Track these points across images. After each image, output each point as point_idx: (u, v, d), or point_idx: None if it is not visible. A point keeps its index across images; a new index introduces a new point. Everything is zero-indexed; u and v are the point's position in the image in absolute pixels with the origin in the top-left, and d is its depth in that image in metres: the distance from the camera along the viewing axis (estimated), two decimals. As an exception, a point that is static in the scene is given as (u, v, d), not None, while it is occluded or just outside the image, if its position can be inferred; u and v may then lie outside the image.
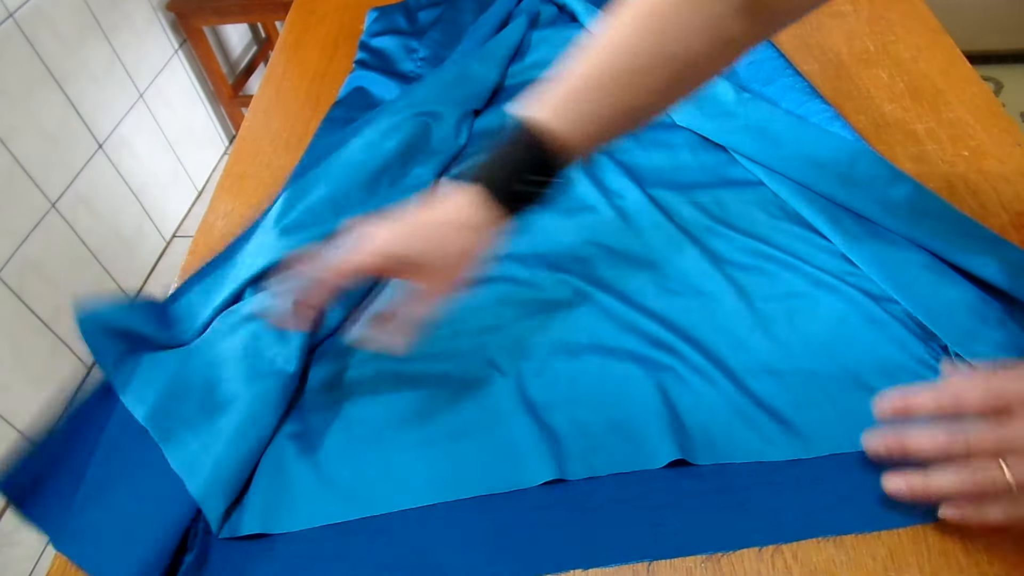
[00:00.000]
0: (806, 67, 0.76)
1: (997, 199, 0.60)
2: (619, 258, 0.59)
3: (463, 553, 0.43)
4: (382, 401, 0.51)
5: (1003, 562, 0.40)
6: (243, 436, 0.48)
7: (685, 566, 0.41)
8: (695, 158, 0.67)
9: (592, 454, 0.46)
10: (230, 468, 0.47)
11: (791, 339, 0.51)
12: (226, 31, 2.06)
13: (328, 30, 0.94)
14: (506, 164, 0.46)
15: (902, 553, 0.41)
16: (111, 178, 1.65)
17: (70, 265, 1.52)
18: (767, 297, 0.54)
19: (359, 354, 0.54)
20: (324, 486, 0.47)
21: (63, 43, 1.49)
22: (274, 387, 0.51)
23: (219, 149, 2.10)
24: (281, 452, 0.49)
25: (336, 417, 0.51)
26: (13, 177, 1.36)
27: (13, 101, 1.36)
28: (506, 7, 0.87)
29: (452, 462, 0.47)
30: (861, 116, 0.69)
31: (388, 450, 0.49)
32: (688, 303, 0.55)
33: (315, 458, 0.49)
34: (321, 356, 0.55)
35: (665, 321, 0.54)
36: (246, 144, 0.78)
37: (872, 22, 0.81)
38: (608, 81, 0.44)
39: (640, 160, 0.68)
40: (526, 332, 0.54)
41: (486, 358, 0.53)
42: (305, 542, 0.45)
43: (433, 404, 0.51)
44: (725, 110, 0.69)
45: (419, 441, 0.49)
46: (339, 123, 0.76)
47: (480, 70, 0.77)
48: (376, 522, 0.45)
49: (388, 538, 0.44)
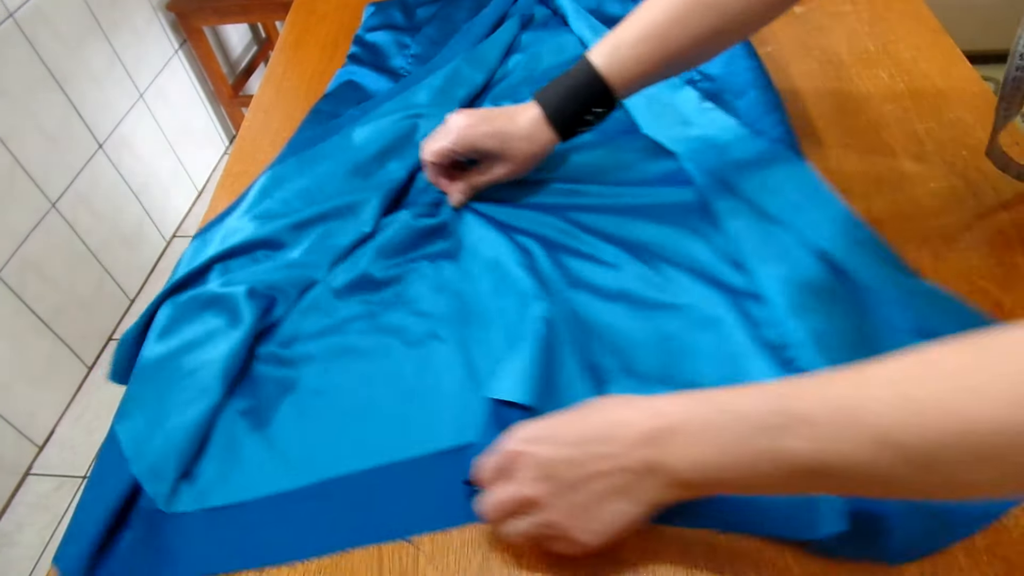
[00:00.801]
0: (806, 67, 0.76)
1: (997, 199, 0.60)
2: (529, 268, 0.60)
3: (405, 510, 0.46)
4: (331, 372, 0.54)
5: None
6: (190, 409, 0.51)
7: (685, 566, 0.41)
8: (641, 160, 0.68)
9: (526, 416, 0.48)
10: (177, 441, 0.49)
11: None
12: (226, 31, 2.06)
13: (328, 30, 0.94)
14: (567, 95, 0.59)
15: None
16: (111, 178, 1.65)
17: (70, 265, 1.52)
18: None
19: (307, 330, 0.57)
20: (275, 457, 0.49)
21: (63, 43, 1.49)
22: (221, 362, 0.53)
23: (219, 149, 2.11)
24: (232, 428, 0.51)
25: (286, 391, 0.53)
26: (13, 177, 1.36)
27: (13, 101, 1.36)
28: (501, 8, 0.88)
29: (397, 425, 0.50)
30: (861, 116, 0.69)
31: (336, 418, 0.51)
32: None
33: (266, 431, 0.51)
34: (272, 333, 0.57)
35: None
36: (246, 144, 0.78)
37: (872, 22, 0.81)
38: (655, 30, 0.55)
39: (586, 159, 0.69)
40: (467, 307, 0.57)
41: (428, 329, 0.56)
42: (254, 511, 0.47)
43: (378, 372, 0.54)
44: (683, 119, 0.70)
45: (365, 407, 0.51)
46: (324, 116, 0.77)
47: (469, 73, 0.78)
48: (324, 487, 0.47)
49: (334, 501, 0.46)
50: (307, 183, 0.67)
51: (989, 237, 0.57)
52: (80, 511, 0.48)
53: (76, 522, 0.47)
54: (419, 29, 0.91)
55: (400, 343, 0.55)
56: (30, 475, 1.43)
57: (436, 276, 0.60)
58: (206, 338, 0.56)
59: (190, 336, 0.56)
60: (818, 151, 0.67)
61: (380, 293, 0.59)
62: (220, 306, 0.58)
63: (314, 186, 0.67)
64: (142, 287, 1.76)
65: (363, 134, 0.72)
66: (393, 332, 0.56)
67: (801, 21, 0.83)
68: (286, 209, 0.65)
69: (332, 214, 0.64)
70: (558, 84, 0.60)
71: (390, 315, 0.57)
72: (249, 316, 0.55)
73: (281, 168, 0.70)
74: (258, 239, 0.63)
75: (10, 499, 1.39)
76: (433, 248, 0.63)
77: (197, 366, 0.54)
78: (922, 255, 0.56)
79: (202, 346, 0.55)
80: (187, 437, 0.49)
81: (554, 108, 0.59)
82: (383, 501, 0.46)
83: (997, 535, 0.41)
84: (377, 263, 0.61)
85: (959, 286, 0.54)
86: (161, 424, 0.51)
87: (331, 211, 0.64)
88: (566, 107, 0.59)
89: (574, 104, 0.59)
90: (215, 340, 0.55)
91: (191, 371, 0.54)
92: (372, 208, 0.64)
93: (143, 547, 0.46)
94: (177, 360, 0.55)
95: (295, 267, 0.61)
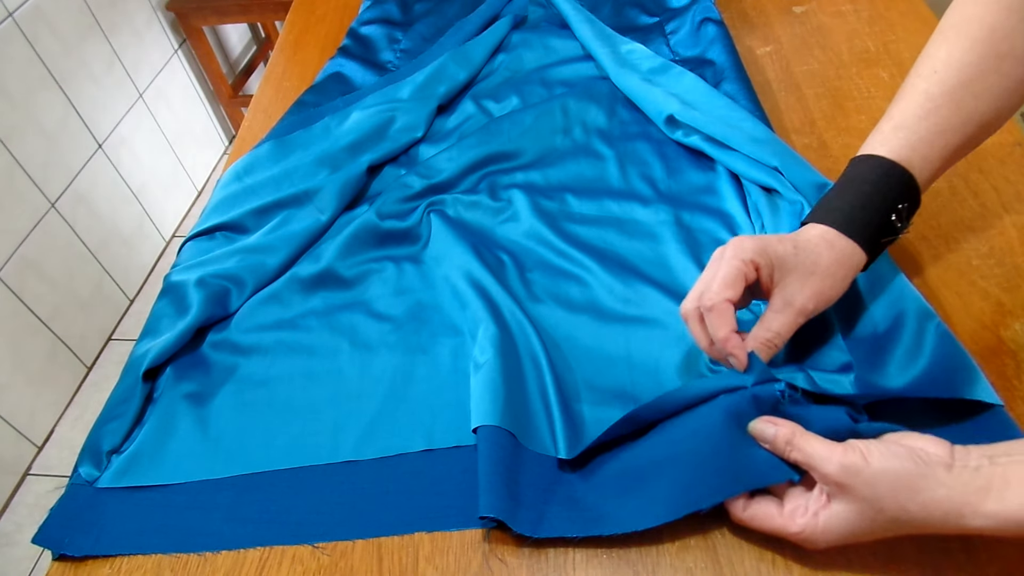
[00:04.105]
0: (806, 67, 0.76)
1: (997, 199, 0.60)
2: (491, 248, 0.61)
3: (320, 513, 0.46)
4: (276, 365, 0.55)
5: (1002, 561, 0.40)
6: (119, 390, 0.53)
7: (685, 566, 0.41)
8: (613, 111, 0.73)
9: (460, 425, 0.49)
10: (101, 422, 0.51)
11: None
12: (226, 31, 2.06)
13: (328, 30, 0.94)
14: (873, 208, 0.46)
15: (903, 552, 0.41)
16: (111, 178, 1.65)
17: (70, 265, 1.52)
18: None
19: (262, 321, 0.58)
20: (208, 444, 0.50)
21: (63, 43, 1.49)
22: (156, 350, 0.54)
23: (219, 149, 2.10)
24: (173, 409, 0.52)
25: (230, 378, 0.54)
26: (13, 177, 1.36)
27: (13, 101, 1.36)
28: (495, 7, 0.88)
29: (328, 428, 0.50)
30: (861, 116, 0.69)
31: (272, 412, 0.52)
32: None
33: (204, 417, 0.52)
34: (229, 321, 0.58)
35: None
36: (246, 144, 0.78)
37: (872, 22, 0.81)
38: (943, 100, 0.45)
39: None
40: (424, 315, 0.57)
41: (379, 333, 0.56)
42: (180, 493, 0.48)
43: (320, 372, 0.54)
44: (651, 79, 0.73)
45: (301, 405, 0.52)
46: (308, 107, 0.78)
47: (453, 70, 0.78)
48: (249, 480, 0.48)
49: (256, 495, 0.47)
50: (276, 171, 0.69)
51: (989, 237, 0.57)
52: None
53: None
54: (411, 24, 0.91)
55: (348, 344, 0.55)
56: (30, 475, 1.43)
57: (398, 279, 0.60)
58: (154, 324, 0.58)
59: (147, 324, 0.58)
60: (818, 151, 0.67)
61: (341, 292, 0.60)
62: (171, 295, 0.59)
63: (282, 174, 0.68)
64: (141, 287, 1.76)
65: (340, 126, 0.72)
66: (344, 332, 0.56)
67: (801, 21, 0.83)
68: (251, 195, 0.67)
69: (290, 200, 0.65)
70: (836, 198, 0.47)
71: (345, 315, 0.58)
72: (196, 306, 0.56)
73: (253, 155, 0.71)
74: (220, 223, 0.65)
75: (10, 499, 1.39)
76: (399, 250, 0.62)
77: (142, 353, 0.55)
78: (922, 255, 0.56)
79: (150, 334, 0.57)
80: (110, 419, 0.51)
81: (846, 219, 0.46)
82: (304, 502, 0.47)
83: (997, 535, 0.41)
84: (342, 260, 0.61)
85: (959, 286, 0.54)
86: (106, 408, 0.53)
87: (289, 198, 0.65)
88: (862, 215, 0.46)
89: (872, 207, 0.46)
90: (160, 328, 0.57)
91: (136, 359, 0.55)
92: (330, 195, 0.65)
93: (77, 520, 0.47)
94: (133, 350, 0.56)
95: (250, 252, 0.61)
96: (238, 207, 0.66)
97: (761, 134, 0.63)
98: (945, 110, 0.45)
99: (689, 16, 0.83)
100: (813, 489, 0.39)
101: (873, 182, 0.46)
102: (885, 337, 0.48)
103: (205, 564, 0.45)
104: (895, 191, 0.46)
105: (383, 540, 0.45)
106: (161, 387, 0.54)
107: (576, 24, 0.83)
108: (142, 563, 0.45)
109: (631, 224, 0.62)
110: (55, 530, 0.46)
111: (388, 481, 0.47)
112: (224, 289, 0.58)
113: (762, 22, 0.84)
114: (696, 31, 0.81)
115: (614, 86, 0.75)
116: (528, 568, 0.42)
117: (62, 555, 0.46)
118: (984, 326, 0.51)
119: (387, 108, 0.73)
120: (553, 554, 0.43)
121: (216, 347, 0.56)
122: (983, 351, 0.49)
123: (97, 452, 0.50)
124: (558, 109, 0.73)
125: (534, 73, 0.80)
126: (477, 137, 0.70)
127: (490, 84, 0.80)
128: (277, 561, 0.44)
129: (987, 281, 0.54)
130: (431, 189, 0.67)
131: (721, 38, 0.77)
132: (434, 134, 0.75)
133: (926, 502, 0.35)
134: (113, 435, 0.50)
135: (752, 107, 0.68)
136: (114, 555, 0.45)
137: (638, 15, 0.88)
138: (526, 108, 0.74)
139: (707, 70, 0.75)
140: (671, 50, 0.81)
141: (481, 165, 0.69)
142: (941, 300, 0.53)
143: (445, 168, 0.68)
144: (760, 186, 0.60)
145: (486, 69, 0.82)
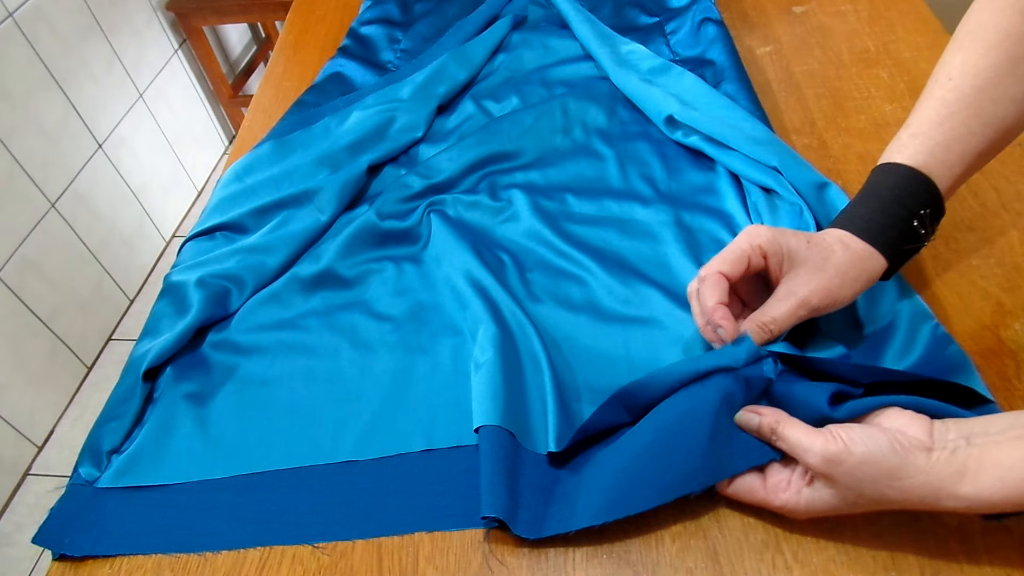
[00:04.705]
0: (806, 67, 0.76)
1: (997, 199, 0.60)
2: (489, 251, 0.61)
3: (320, 513, 0.46)
4: (277, 365, 0.55)
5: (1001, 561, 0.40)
6: (120, 390, 0.53)
7: (685, 566, 0.41)
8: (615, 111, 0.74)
9: (460, 425, 0.49)
10: (100, 422, 0.51)
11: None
12: (226, 31, 2.06)
13: (328, 30, 0.94)
14: (893, 213, 0.46)
15: (903, 552, 0.41)
16: (111, 178, 1.65)
17: (70, 265, 1.52)
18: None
19: (263, 321, 0.58)
20: (209, 444, 0.50)
21: (63, 43, 1.49)
22: (156, 350, 0.54)
23: (219, 149, 2.10)
24: (173, 409, 0.52)
25: (230, 378, 0.54)
26: (13, 177, 1.36)
27: (13, 101, 1.36)
28: (495, 7, 0.88)
29: (328, 428, 0.50)
30: (861, 116, 0.69)
31: (272, 413, 0.52)
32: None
33: (204, 417, 0.52)
34: (229, 321, 0.58)
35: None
36: (246, 144, 0.78)
37: (872, 22, 0.81)
38: (960, 106, 0.46)
39: None
40: (424, 315, 0.57)
41: (379, 334, 0.56)
42: (180, 493, 0.48)
43: (321, 372, 0.54)
44: (651, 79, 0.73)
45: (301, 405, 0.52)
46: (308, 107, 0.78)
47: (453, 70, 0.78)
48: (249, 479, 0.48)
49: (256, 495, 0.47)
50: (276, 171, 0.69)
51: (989, 237, 0.57)
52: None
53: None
54: (411, 24, 0.91)
55: (348, 344, 0.55)
56: (29, 475, 1.43)
57: (398, 279, 0.60)
58: (154, 324, 0.58)
59: (147, 324, 0.58)
60: (818, 151, 0.67)
61: (341, 292, 0.59)
62: (171, 295, 0.59)
63: (282, 174, 0.68)
64: (141, 287, 1.76)
65: (340, 126, 0.72)
66: (344, 332, 0.56)
67: (801, 21, 0.83)
68: (251, 195, 0.67)
69: (290, 201, 0.65)
70: (860, 206, 0.48)
71: (345, 315, 0.58)
72: (196, 306, 0.56)
73: (253, 155, 0.71)
74: (220, 223, 0.65)
75: (10, 499, 1.39)
76: (399, 250, 0.62)
77: (142, 354, 0.54)
78: (922, 255, 0.56)
79: (150, 334, 0.57)
80: (110, 419, 0.51)
81: (870, 225, 0.46)
82: (304, 502, 0.47)
83: (997, 536, 0.41)
84: (342, 260, 0.61)
85: (959, 286, 0.54)
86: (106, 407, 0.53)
87: (289, 198, 0.65)
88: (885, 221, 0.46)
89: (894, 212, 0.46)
90: (160, 328, 0.57)
91: (136, 359, 0.54)
92: (330, 195, 0.65)
93: (77, 520, 0.47)
94: (133, 350, 0.56)
95: (250, 252, 0.61)
96: (238, 207, 0.66)
97: (761, 134, 0.63)
98: (962, 115, 0.46)
99: (689, 16, 0.83)
100: (795, 463, 0.40)
101: (891, 188, 0.46)
102: (880, 337, 0.48)
103: (205, 564, 0.45)
104: (914, 196, 0.46)
105: (383, 540, 0.45)
106: (161, 387, 0.54)
107: (576, 24, 0.83)
108: (142, 563, 0.45)
109: (631, 224, 0.62)
110: (55, 530, 0.46)
111: (388, 481, 0.47)
112: (224, 289, 0.58)
113: (762, 22, 0.84)
114: (696, 31, 0.81)
115: (614, 86, 0.75)
116: (528, 568, 0.42)
117: (62, 555, 0.46)
118: (984, 326, 0.51)
119: (387, 108, 0.73)
120: (553, 554, 0.43)
121: (216, 347, 0.56)
122: (983, 351, 0.49)
123: (97, 452, 0.50)
124: (558, 109, 0.73)
125: (534, 73, 0.80)
126: (477, 137, 0.70)
127: (490, 84, 0.80)
128: (277, 561, 0.44)
129: (987, 281, 0.54)
130: (431, 189, 0.67)
131: (721, 38, 0.77)
132: (434, 134, 0.74)
133: (904, 488, 0.37)
134: (113, 435, 0.50)
135: (752, 107, 0.68)
136: (114, 555, 0.45)
137: (638, 15, 0.88)
138: (526, 108, 0.74)
139: (707, 70, 0.75)
140: (671, 50, 0.81)
141: (481, 165, 0.69)
142: (941, 300, 0.53)
143: (445, 168, 0.68)
144: (760, 186, 0.60)
145: (486, 69, 0.82)
